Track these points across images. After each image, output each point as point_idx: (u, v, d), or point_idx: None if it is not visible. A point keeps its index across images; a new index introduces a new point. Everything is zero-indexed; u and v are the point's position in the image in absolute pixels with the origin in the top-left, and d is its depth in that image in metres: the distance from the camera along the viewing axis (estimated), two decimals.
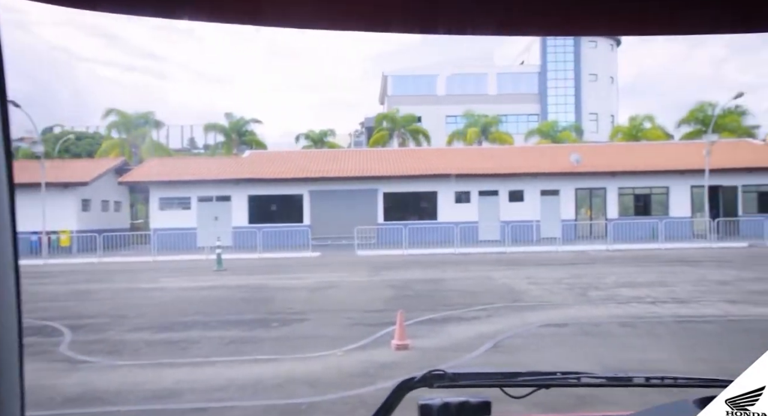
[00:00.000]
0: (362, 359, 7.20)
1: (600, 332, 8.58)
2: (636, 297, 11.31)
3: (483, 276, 15.32)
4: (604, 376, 1.32)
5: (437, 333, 8.65)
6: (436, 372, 1.28)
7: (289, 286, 14.53)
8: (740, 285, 12.60)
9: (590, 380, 1.32)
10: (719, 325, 8.79)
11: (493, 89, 46.30)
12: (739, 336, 8.17)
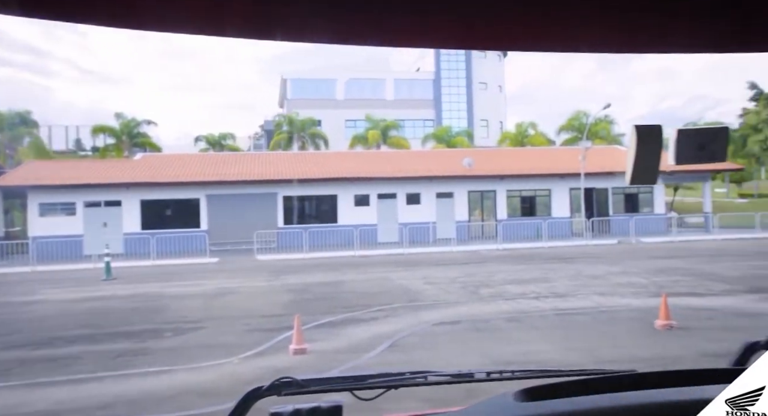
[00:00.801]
0: (259, 366, 7.17)
1: (489, 327, 9.13)
2: (522, 294, 12.12)
3: (381, 278, 15.67)
4: (449, 374, 1.39)
5: (336, 335, 8.77)
6: (285, 380, 1.28)
7: (184, 294, 14.02)
8: (609, 279, 13.90)
9: (436, 378, 1.37)
10: (591, 316, 9.67)
11: (391, 94, 47.37)
12: (607, 325, 9.06)
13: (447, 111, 47.65)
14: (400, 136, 39.10)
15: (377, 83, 47.28)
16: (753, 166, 41.17)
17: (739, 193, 52.60)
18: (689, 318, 8.97)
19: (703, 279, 13.35)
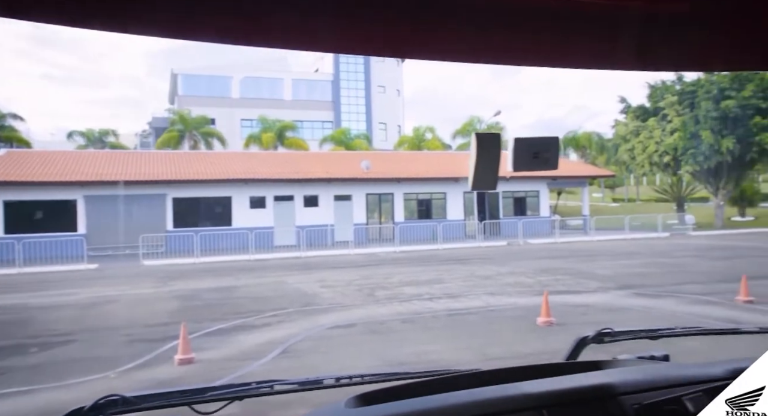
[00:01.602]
0: (139, 379, 6.68)
1: (384, 329, 9.18)
2: (417, 295, 12.34)
3: (277, 282, 15.31)
4: (296, 381, 1.36)
5: (226, 343, 8.41)
6: (111, 398, 1.18)
7: (55, 304, 12.82)
8: (499, 279, 14.55)
9: (283, 387, 1.34)
10: (481, 315, 10.04)
11: (289, 95, 46.68)
12: (495, 323, 9.45)
13: (346, 113, 47.80)
14: (297, 137, 38.64)
15: (275, 83, 46.39)
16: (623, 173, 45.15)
17: (613, 197, 57.50)
18: (567, 314, 9.57)
19: (580, 277, 14.35)
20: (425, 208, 29.67)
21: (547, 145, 1.27)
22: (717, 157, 29.39)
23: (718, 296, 10.83)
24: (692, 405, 1.10)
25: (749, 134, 28.62)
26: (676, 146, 30.78)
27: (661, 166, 32.72)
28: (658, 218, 29.01)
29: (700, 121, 29.57)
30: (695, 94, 30.11)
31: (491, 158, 1.22)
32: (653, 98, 32.81)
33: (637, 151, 32.99)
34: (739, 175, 31.79)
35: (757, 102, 28.27)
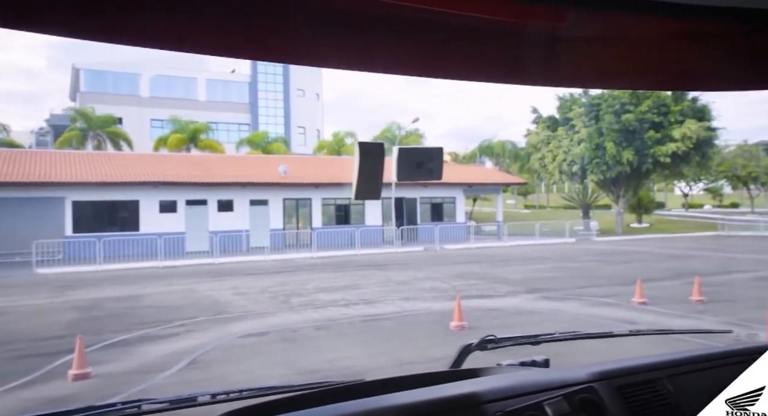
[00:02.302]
0: (26, 397, 6.11)
1: (297, 337, 9.00)
2: (332, 301, 12.22)
3: (187, 290, 14.66)
4: (167, 400, 1.28)
5: (128, 355, 7.91)
6: None
7: None
8: (415, 284, 14.72)
9: (151, 406, 1.26)
10: (396, 321, 10.08)
11: (203, 95, 45.10)
12: (409, 328, 9.51)
13: (263, 116, 46.86)
14: (212, 139, 37.40)
15: (188, 82, 44.65)
16: (535, 181, 47.35)
17: (525, 204, 60.15)
18: (479, 318, 9.81)
19: (492, 282, 14.81)
20: (343, 213, 29.59)
21: (431, 156, 1.28)
22: (618, 167, 31.48)
23: (617, 298, 11.51)
24: (551, 409, 1.13)
25: (645, 146, 30.88)
26: (583, 156, 32.65)
27: (570, 174, 34.59)
28: (565, 224, 30.61)
29: (603, 132, 31.56)
30: (599, 107, 32.12)
31: (375, 167, 1.21)
32: (562, 109, 34.67)
33: (548, 159, 34.69)
34: (636, 185, 34.22)
35: (652, 117, 30.58)
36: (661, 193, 55.40)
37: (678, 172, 33.97)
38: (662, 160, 30.75)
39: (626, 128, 30.81)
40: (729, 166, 44.33)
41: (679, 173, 34.81)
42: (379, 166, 1.20)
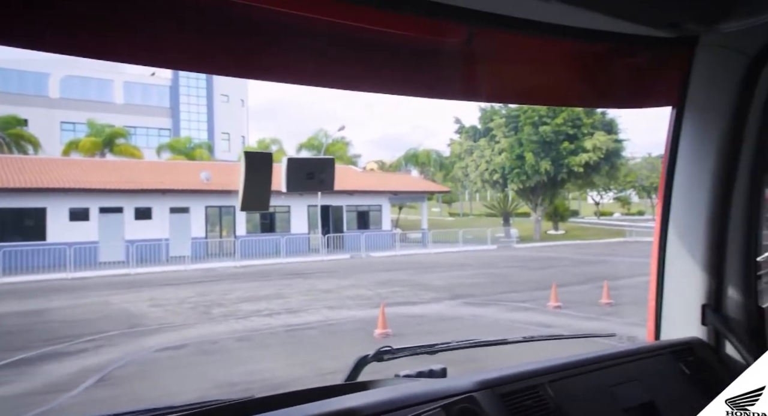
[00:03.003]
0: None
1: (217, 349, 8.72)
2: (255, 311, 11.95)
3: (99, 302, 13.86)
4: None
5: (28, 375, 7.36)
6: None
7: None
8: (340, 292, 14.67)
9: None
10: (320, 330, 10.00)
11: (120, 98, 42.97)
12: (332, 337, 9.46)
13: (186, 121, 45.29)
14: (130, 144, 35.73)
15: (103, 84, 42.39)
16: (459, 189, 48.58)
17: (450, 212, 61.52)
18: (403, 325, 9.91)
19: (417, 289, 15.01)
20: (269, 221, 29.07)
21: (323, 166, 1.27)
22: (537, 176, 32.89)
23: (534, 303, 11.99)
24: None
25: (561, 157, 32.47)
26: (503, 165, 33.84)
27: (491, 183, 35.74)
28: (487, 232, 31.58)
29: (523, 143, 32.90)
30: (518, 118, 33.46)
31: (262, 178, 1.20)
32: (484, 120, 35.82)
33: (471, 168, 35.70)
34: (553, 193, 35.88)
35: (566, 129, 32.21)
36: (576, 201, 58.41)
37: (590, 181, 35.92)
38: (576, 170, 32.41)
39: (544, 139, 32.28)
40: (635, 176, 47.45)
41: (591, 182, 36.82)
42: (267, 177, 1.19)
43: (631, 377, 1.37)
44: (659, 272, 1.65)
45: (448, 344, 1.49)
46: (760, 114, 1.47)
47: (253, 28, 1.13)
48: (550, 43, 1.41)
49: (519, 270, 19.62)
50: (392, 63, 1.34)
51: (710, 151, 1.51)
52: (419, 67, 1.36)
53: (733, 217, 1.53)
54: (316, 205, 28.07)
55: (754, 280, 1.54)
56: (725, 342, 1.52)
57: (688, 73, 1.52)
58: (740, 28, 1.33)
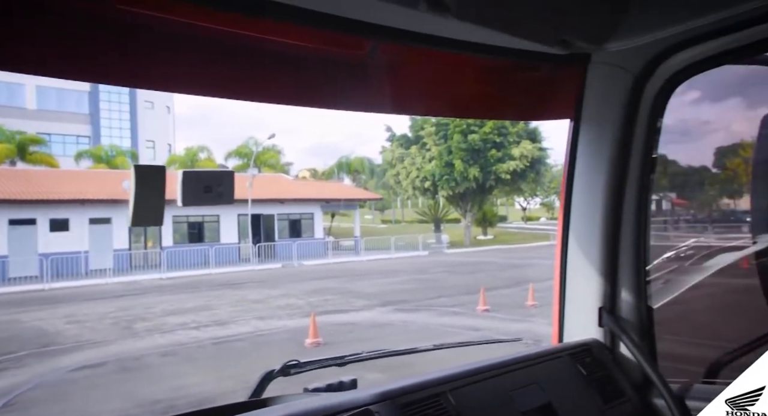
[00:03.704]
0: None
1: (140, 366, 8.35)
2: (181, 324, 11.53)
3: (7, 321, 12.91)
4: None
5: None
6: None
7: None
8: (270, 302, 14.40)
9: None
10: (249, 341, 9.77)
11: (33, 103, 40.39)
12: (262, 348, 9.28)
13: (107, 128, 43.13)
14: (44, 152, 33.66)
15: (13, 88, 39.63)
16: (391, 196, 48.99)
17: (382, 219, 61.89)
18: (334, 333, 9.86)
19: (348, 296, 14.98)
20: (197, 231, 28.20)
21: (221, 179, 1.25)
22: (466, 183, 33.71)
23: (464, 307, 12.25)
24: None
25: (489, 164, 33.47)
26: (434, 172, 34.46)
27: (422, 190, 36.29)
28: (419, 238, 32.00)
29: (452, 151, 33.66)
30: (448, 127, 34.21)
31: (155, 192, 1.16)
32: (414, 128, 36.37)
33: (402, 176, 36.11)
34: (482, 200, 36.88)
35: (493, 137, 33.25)
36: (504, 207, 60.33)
37: (517, 187, 37.21)
38: (503, 177, 33.49)
39: (472, 147, 33.17)
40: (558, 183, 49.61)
41: (518, 189, 38.16)
42: (160, 191, 1.15)
43: (531, 380, 1.42)
44: (561, 277, 1.73)
45: (358, 355, 1.50)
46: (646, 128, 1.58)
47: (151, 38, 1.12)
48: (453, 57, 1.46)
49: (449, 275, 19.99)
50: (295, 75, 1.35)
51: (603, 163, 1.61)
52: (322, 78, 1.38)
53: (625, 224, 1.63)
54: (247, 214, 27.49)
55: (645, 283, 1.65)
56: (619, 342, 1.62)
57: (582, 89, 1.62)
58: (625, 48, 1.44)
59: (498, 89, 1.64)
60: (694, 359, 1.74)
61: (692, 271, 1.91)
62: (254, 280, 20.42)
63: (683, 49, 1.47)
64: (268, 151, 37.86)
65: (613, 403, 1.50)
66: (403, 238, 33.63)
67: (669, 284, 1.79)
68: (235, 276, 22.24)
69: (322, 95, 1.43)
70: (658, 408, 1.52)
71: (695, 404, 1.47)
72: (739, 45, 1.40)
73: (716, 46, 1.43)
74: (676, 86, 1.55)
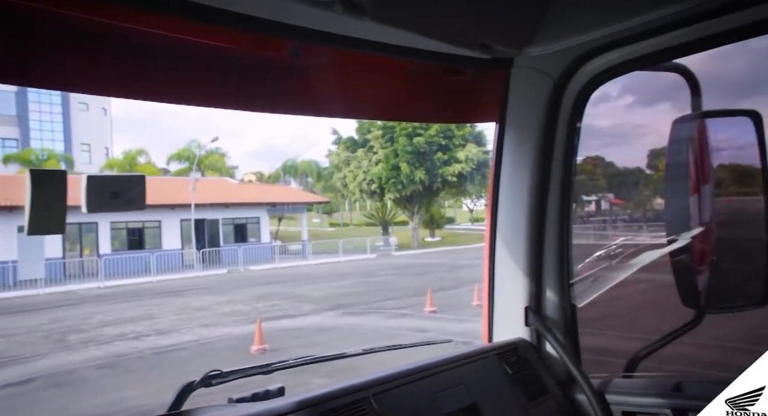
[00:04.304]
0: None
1: (73, 380, 7.98)
2: (120, 335, 11.10)
3: None
4: None
5: None
6: None
7: None
8: (215, 309, 14.06)
9: None
10: (192, 350, 9.51)
11: None
12: (206, 357, 9.03)
13: (37, 130, 41.00)
14: None
15: None
16: (338, 200, 48.82)
17: (330, 222, 61.56)
18: (281, 339, 9.72)
19: (295, 301, 14.81)
20: (137, 237, 27.22)
21: (130, 184, 1.20)
22: (412, 186, 33.99)
23: (411, 309, 12.33)
24: None
25: (435, 167, 33.88)
26: (381, 175, 34.58)
27: (369, 193, 36.35)
28: (367, 241, 32.01)
29: (399, 153, 33.88)
30: (394, 130, 34.42)
31: (54, 198, 1.10)
32: (361, 131, 36.41)
33: (349, 179, 36.05)
34: (429, 202, 37.28)
35: (439, 140, 33.70)
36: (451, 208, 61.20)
37: (463, 189, 37.83)
38: (450, 179, 33.98)
39: (418, 150, 33.51)
40: None
41: (465, 191, 38.80)
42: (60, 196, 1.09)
43: (456, 382, 1.42)
44: (490, 278, 1.76)
45: (284, 362, 1.46)
46: (566, 130, 1.63)
47: (72, 38, 1.09)
48: (378, 60, 1.46)
49: (397, 277, 20.09)
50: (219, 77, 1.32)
51: (527, 165, 1.65)
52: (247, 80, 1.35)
53: (549, 225, 1.67)
54: (190, 219, 26.78)
55: (569, 282, 1.69)
56: (545, 341, 1.66)
57: (506, 92, 1.65)
58: (545, 52, 1.47)
59: (424, 92, 1.65)
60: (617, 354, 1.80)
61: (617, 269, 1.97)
62: (198, 287, 19.88)
63: (601, 53, 1.52)
64: (212, 154, 37.02)
65: (537, 401, 1.53)
66: (351, 241, 33.57)
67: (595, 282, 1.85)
68: (179, 284, 21.59)
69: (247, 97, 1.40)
70: (580, 403, 1.56)
71: (615, 398, 1.53)
72: (654, 50, 1.46)
73: (632, 51, 1.49)
74: (594, 89, 1.60)
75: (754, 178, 1.58)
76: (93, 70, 1.15)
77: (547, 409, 1.53)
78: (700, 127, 1.59)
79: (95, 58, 1.13)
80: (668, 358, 1.70)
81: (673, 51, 1.46)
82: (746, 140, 1.59)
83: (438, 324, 10.55)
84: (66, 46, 1.09)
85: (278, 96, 1.42)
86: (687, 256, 1.55)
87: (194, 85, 1.29)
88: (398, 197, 35.14)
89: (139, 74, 1.20)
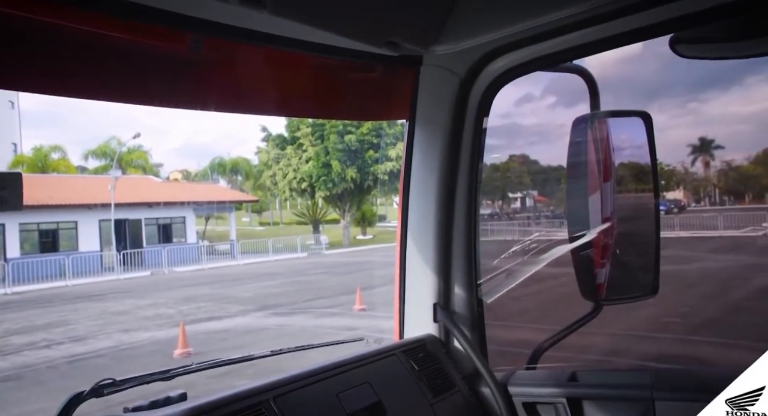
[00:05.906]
0: None
1: None
2: (29, 344, 10.42)
3: None
4: None
5: None
6: None
7: None
8: (136, 313, 13.46)
9: None
10: (110, 357, 9.06)
11: None
12: (125, 363, 8.65)
13: None
14: None
15: None
16: (268, 198, 47.97)
17: (260, 221, 60.37)
18: (206, 342, 9.44)
19: (222, 302, 14.43)
20: (50, 239, 25.61)
21: (5, 182, 1.10)
22: (344, 184, 33.91)
23: (341, 307, 12.30)
24: None
25: (366, 165, 33.95)
26: (311, 173, 34.27)
27: (300, 191, 35.94)
28: (297, 240, 31.64)
29: (329, 151, 33.69)
30: (324, 127, 34.19)
31: None
32: (290, 128, 35.92)
33: (279, 177, 35.50)
34: (360, 200, 37.32)
35: (371, 138, 33.81)
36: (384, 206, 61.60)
37: (395, 188, 38.10)
38: (381, 177, 34.17)
39: (349, 148, 33.48)
40: None
41: (396, 189, 39.04)
42: None
43: (362, 380, 1.41)
44: (401, 275, 1.77)
45: (186, 367, 1.40)
46: (473, 129, 1.66)
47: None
48: (283, 55, 1.42)
49: (327, 276, 20.00)
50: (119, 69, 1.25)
51: (435, 163, 1.67)
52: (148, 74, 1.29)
53: (456, 223, 1.70)
54: (110, 219, 25.48)
55: (476, 278, 1.73)
56: (452, 336, 1.68)
57: (415, 90, 1.66)
58: (452, 51, 1.48)
59: (332, 88, 1.63)
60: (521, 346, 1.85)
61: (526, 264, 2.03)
62: (119, 291, 18.97)
63: (505, 52, 1.55)
64: (134, 151, 35.39)
65: (443, 396, 1.54)
66: (281, 240, 33.10)
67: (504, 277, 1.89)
68: (97, 287, 20.52)
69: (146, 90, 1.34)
70: (484, 396, 1.60)
71: (517, 389, 1.57)
72: (557, 50, 1.51)
73: (535, 51, 1.53)
74: (499, 88, 1.64)
75: (649, 175, 1.67)
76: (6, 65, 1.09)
77: (453, 404, 1.55)
78: (599, 126, 1.66)
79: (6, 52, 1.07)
80: (570, 348, 1.77)
81: (574, 51, 1.51)
82: (641, 140, 1.68)
83: (367, 322, 10.59)
84: None
85: (179, 90, 1.37)
86: (586, 251, 1.61)
87: (92, 77, 1.22)
88: (329, 195, 34.99)
89: (29, 65, 1.12)
